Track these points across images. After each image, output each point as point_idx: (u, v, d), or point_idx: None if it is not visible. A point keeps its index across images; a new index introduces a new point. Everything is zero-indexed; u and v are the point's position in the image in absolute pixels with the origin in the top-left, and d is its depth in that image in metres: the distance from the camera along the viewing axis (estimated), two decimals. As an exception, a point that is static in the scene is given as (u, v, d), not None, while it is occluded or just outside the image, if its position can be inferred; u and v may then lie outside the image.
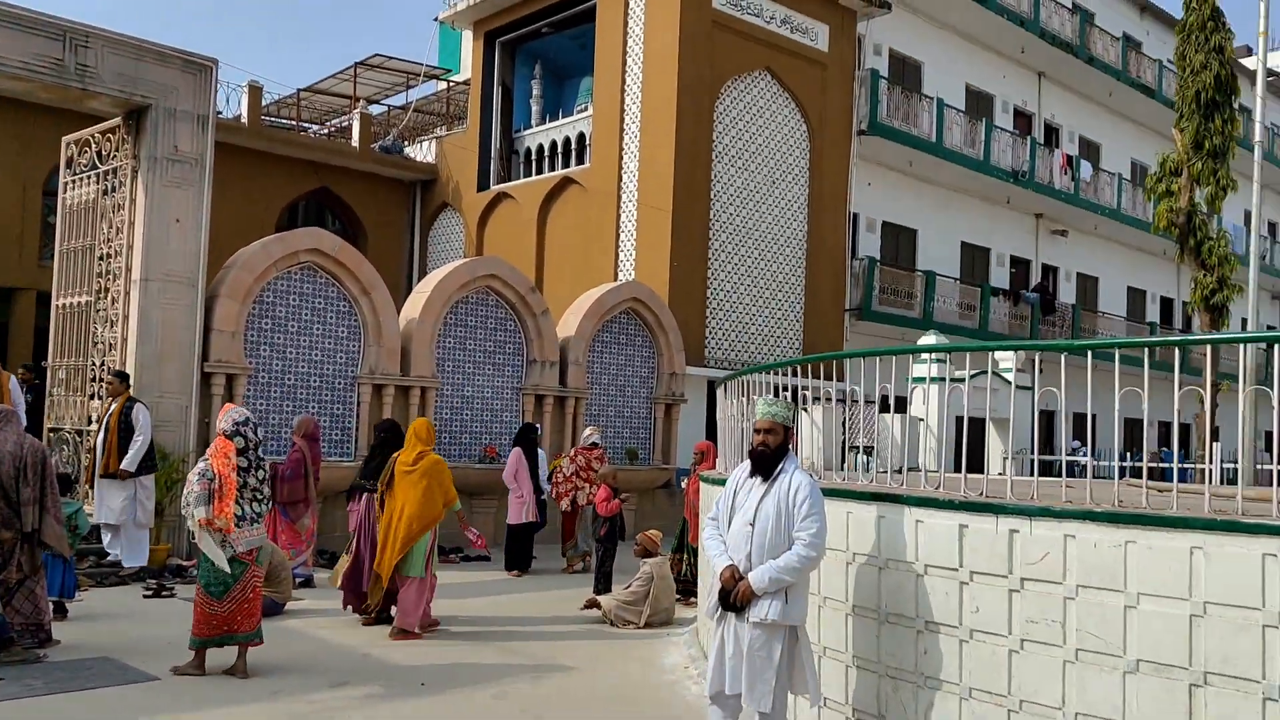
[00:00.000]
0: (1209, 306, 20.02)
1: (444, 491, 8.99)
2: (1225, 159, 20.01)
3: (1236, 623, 4.78)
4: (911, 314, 22.88)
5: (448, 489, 9.06)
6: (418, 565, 8.84)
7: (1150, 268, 32.06)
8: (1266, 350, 30.25)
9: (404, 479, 8.87)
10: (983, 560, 5.68)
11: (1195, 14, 20.08)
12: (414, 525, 8.76)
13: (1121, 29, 31.48)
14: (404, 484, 8.85)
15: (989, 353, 6.91)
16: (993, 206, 26.82)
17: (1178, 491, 5.39)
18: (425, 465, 8.91)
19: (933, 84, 24.96)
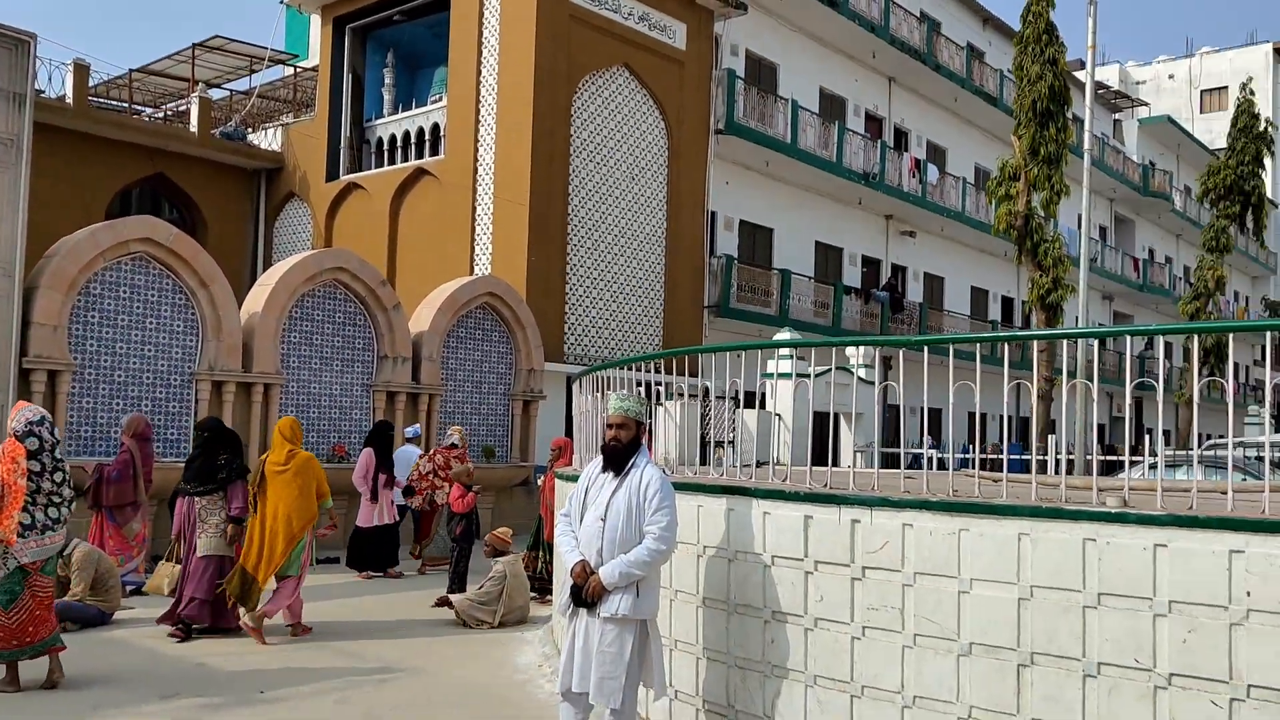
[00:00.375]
0: (1045, 305, 21.13)
1: (319, 488, 9.00)
2: (1059, 165, 21.15)
3: (1060, 604, 4.99)
4: (768, 311, 23.32)
5: (322, 485, 9.04)
6: (296, 564, 8.89)
7: (992, 268, 33.58)
8: (1100, 346, 32.18)
9: (276, 479, 8.76)
10: (827, 550, 5.79)
11: (1032, 27, 21.16)
12: (294, 525, 8.71)
13: (966, 39, 32.87)
14: (276, 484, 8.75)
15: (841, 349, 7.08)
16: (845, 207, 27.61)
17: (1007, 481, 5.60)
18: (297, 464, 8.82)
19: (788, 86, 25.51)
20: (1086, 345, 18.07)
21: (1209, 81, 55.53)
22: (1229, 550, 4.55)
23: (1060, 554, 5.00)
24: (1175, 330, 5.53)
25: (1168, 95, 55.44)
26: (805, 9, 25.21)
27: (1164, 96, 55.10)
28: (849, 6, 26.11)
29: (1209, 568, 4.59)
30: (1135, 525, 4.81)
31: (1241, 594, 4.51)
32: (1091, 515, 4.95)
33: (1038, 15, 20.91)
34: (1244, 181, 28.63)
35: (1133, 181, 41.03)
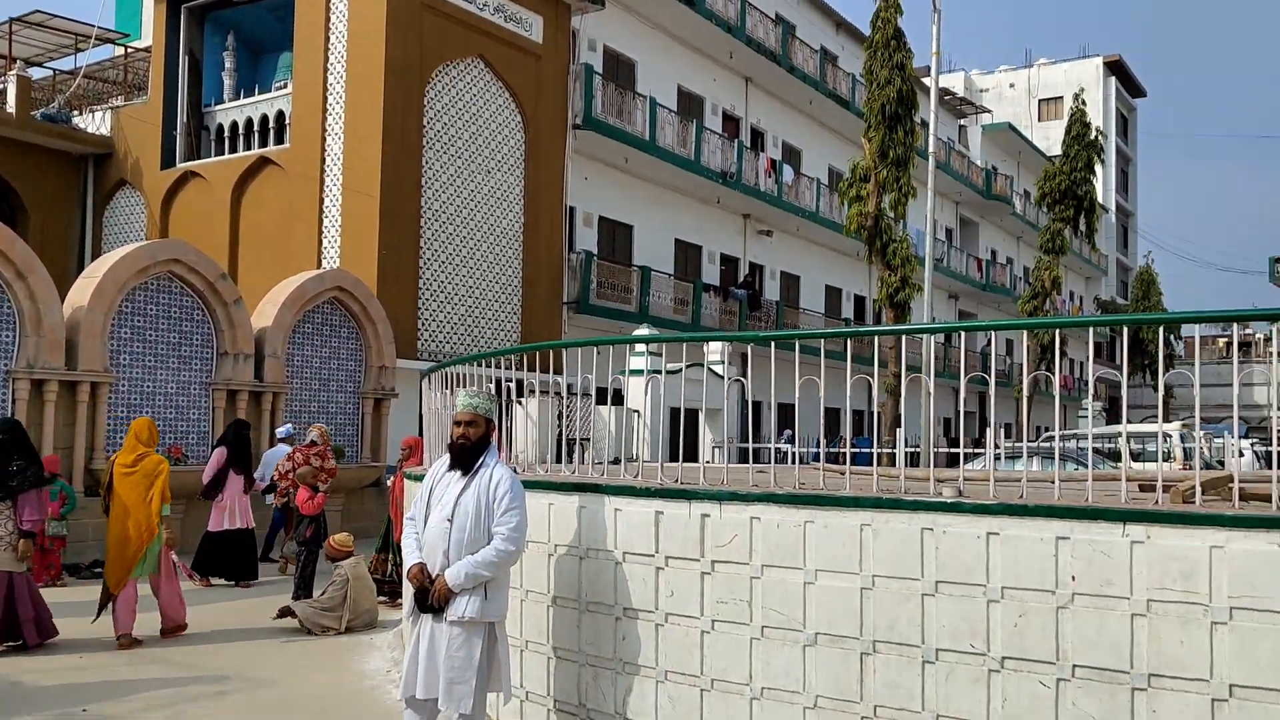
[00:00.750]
0: (894, 304, 21.86)
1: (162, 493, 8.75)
2: (907, 168, 21.91)
3: (900, 593, 5.10)
4: (628, 308, 23.38)
5: (166, 491, 8.78)
6: (151, 564, 8.75)
7: (846, 267, 34.57)
8: (945, 342, 33.57)
9: (124, 481, 8.58)
10: (677, 545, 5.79)
11: (880, 33, 21.83)
12: (143, 529, 8.54)
13: (820, 42, 33.72)
14: (124, 486, 8.57)
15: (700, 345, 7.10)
16: (704, 205, 27.93)
17: (850, 473, 5.70)
18: (146, 466, 8.63)
19: (646, 83, 25.62)
20: (929, 342, 18.89)
21: (1046, 91, 58.61)
22: (1055, 537, 4.73)
23: (900, 544, 5.11)
24: (1010, 326, 5.73)
25: (1009, 103, 58.26)
26: (663, 7, 25.37)
27: (1005, 104, 57.87)
28: (705, 6, 26.40)
29: (1037, 554, 4.76)
30: (970, 514, 4.95)
31: (1067, 578, 4.69)
32: (929, 505, 5.07)
33: (886, 21, 21.59)
34: (1077, 187, 30.30)
35: (976, 185, 42.91)
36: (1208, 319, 5.34)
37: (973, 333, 5.65)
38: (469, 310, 18.29)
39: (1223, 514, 4.40)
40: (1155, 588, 4.48)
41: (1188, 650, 4.40)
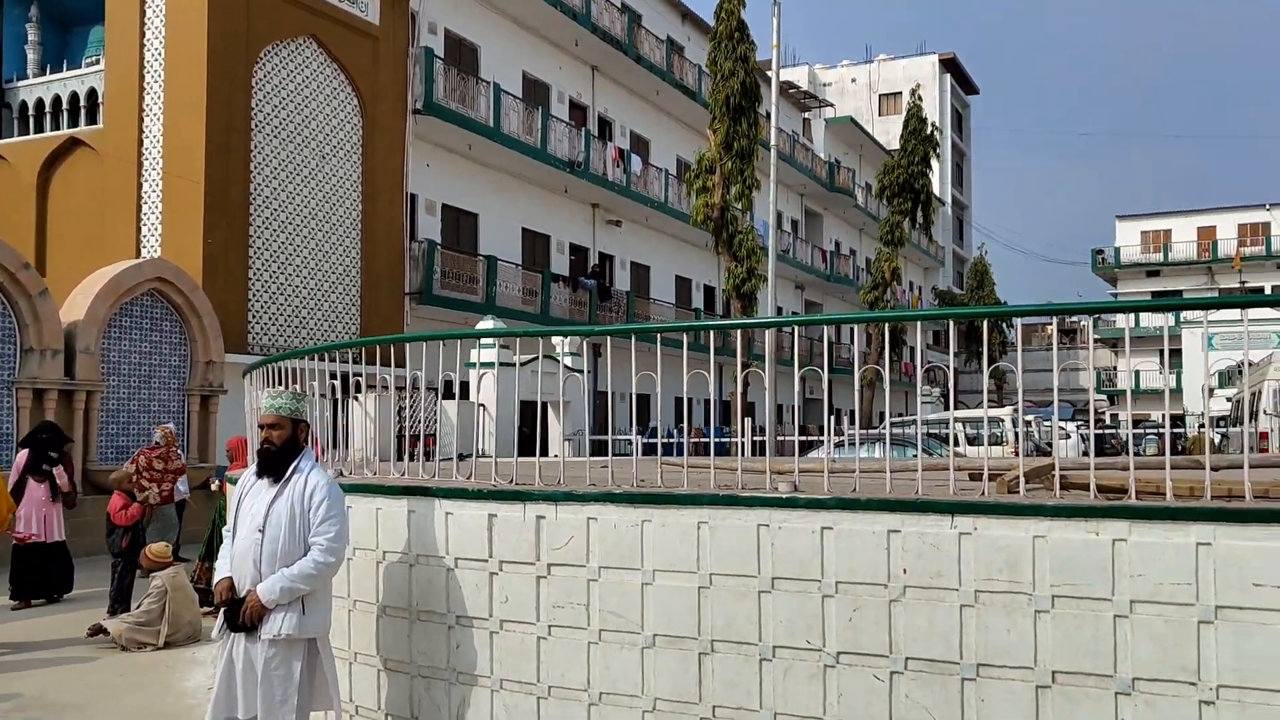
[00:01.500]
0: (741, 294, 22.11)
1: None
2: (751, 160, 22.17)
3: (738, 591, 5.03)
4: (474, 298, 22.91)
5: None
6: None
7: (695, 258, 34.88)
8: (793, 334, 34.34)
9: None
10: (511, 549, 5.59)
11: (724, 24, 22.00)
12: None
13: (666, 32, 33.84)
14: None
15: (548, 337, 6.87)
16: (552, 194, 27.64)
17: (688, 468, 5.60)
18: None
19: (490, 68, 25.12)
20: (773, 332, 19.21)
21: (886, 87, 60.67)
22: (887, 530, 4.73)
23: (737, 540, 5.05)
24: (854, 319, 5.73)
25: (851, 97, 60.03)
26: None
27: (848, 98, 59.61)
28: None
29: (870, 548, 4.76)
30: (805, 509, 4.92)
31: (898, 571, 4.70)
32: (765, 501, 5.02)
33: (729, 13, 21.76)
34: (914, 180, 31.38)
35: (820, 178, 44.01)
36: (1029, 312, 5.45)
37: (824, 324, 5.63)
38: (304, 301, 17.51)
39: (1044, 504, 4.47)
40: (982, 578, 4.53)
41: (1013, 639, 4.46)
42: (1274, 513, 4.08)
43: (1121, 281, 62.17)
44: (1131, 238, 62.84)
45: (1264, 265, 57.52)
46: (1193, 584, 4.16)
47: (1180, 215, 62.56)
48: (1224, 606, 4.10)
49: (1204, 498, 4.39)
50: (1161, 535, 4.22)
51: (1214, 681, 4.11)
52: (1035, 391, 32.02)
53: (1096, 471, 4.83)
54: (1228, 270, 56.22)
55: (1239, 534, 4.10)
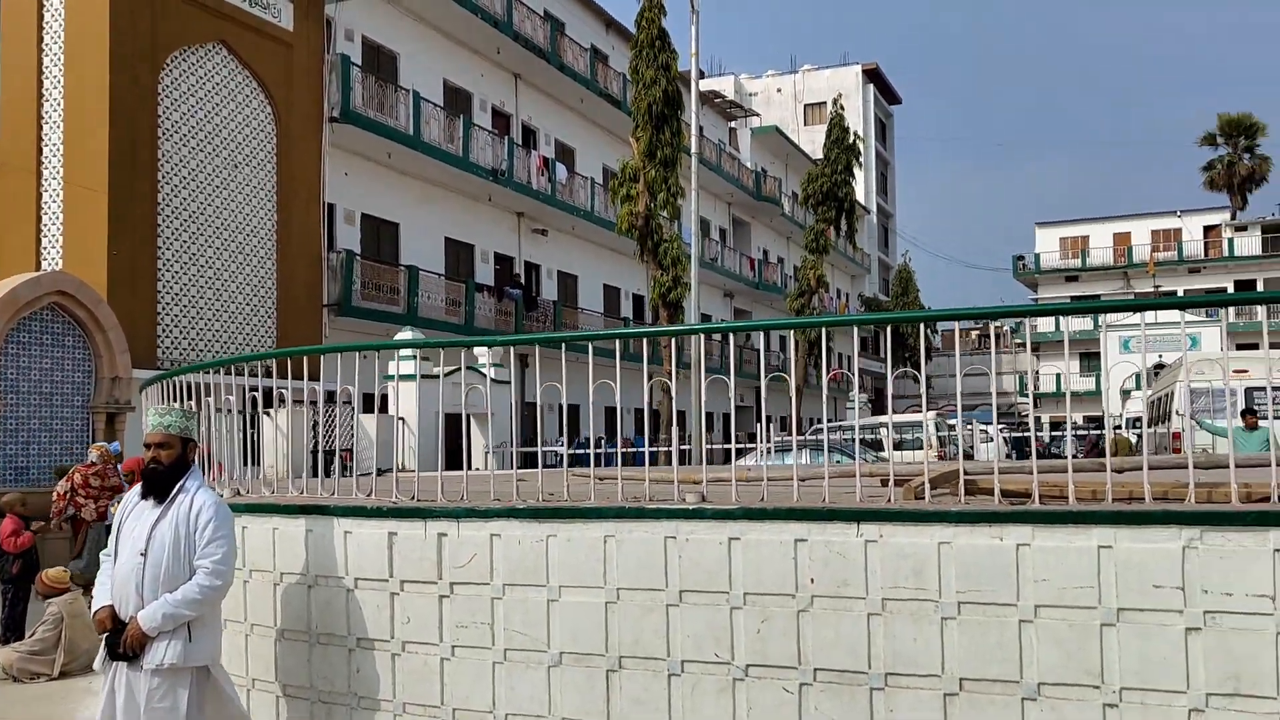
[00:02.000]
0: (667, 303, 22.08)
1: None
2: (675, 168, 22.17)
3: (645, 605, 4.91)
4: (395, 310, 22.52)
5: None
6: None
7: (624, 266, 34.76)
8: (722, 341, 34.41)
9: None
10: (413, 568, 5.42)
11: (645, 33, 22.00)
12: None
13: (590, 41, 33.77)
14: None
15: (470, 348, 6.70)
16: (475, 203, 27.33)
17: (595, 480, 5.46)
18: None
19: (410, 76, 24.75)
20: (700, 339, 19.18)
21: (810, 97, 61.37)
22: (794, 539, 4.65)
23: (644, 553, 4.93)
24: (778, 325, 5.66)
25: (776, 107, 60.61)
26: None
27: (773, 108, 60.17)
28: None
29: (778, 557, 4.67)
30: (712, 520, 4.82)
31: (806, 581, 4.62)
32: (672, 513, 4.91)
33: (650, 22, 21.77)
34: (838, 189, 31.71)
35: (747, 186, 44.29)
36: (956, 316, 5.43)
37: (748, 331, 5.52)
38: (217, 314, 16.99)
39: (949, 510, 4.42)
40: (889, 586, 4.47)
41: (920, 648, 4.40)
42: (1171, 514, 4.08)
43: (1042, 287, 63.65)
44: (1051, 244, 64.40)
45: (1176, 270, 59.40)
46: (1095, 587, 4.14)
47: (1097, 222, 64.32)
48: (1125, 609, 4.09)
49: (1105, 501, 4.38)
50: (1064, 539, 4.20)
51: (1117, 684, 4.09)
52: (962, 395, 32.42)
53: (1002, 476, 4.81)
54: (1143, 275, 57.98)
55: (1138, 536, 4.09)
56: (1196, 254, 60.46)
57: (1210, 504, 4.16)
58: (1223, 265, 59.16)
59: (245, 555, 5.83)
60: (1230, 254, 59.30)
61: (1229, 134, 61.10)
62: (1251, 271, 58.34)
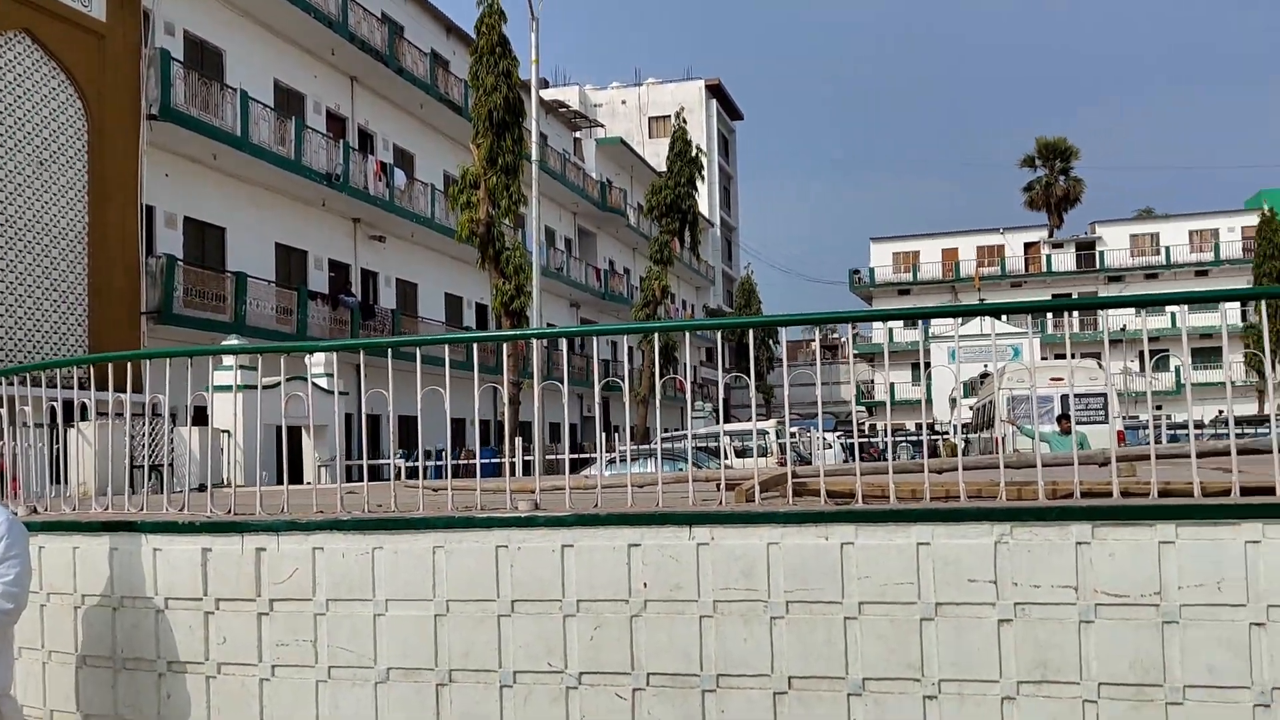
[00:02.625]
0: (510, 312, 21.83)
1: None
2: (516, 176, 21.98)
3: (476, 616, 4.80)
4: (222, 317, 21.49)
5: None
6: None
7: (465, 275, 34.19)
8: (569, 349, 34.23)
9: None
10: (230, 585, 5.14)
11: (486, 39, 21.76)
12: None
13: (430, 45, 33.18)
14: None
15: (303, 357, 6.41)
16: (309, 208, 26.40)
17: (423, 491, 5.31)
18: None
19: (237, 75, 23.70)
20: (552, 348, 19.04)
21: (655, 109, 62.12)
22: (628, 545, 4.63)
23: (475, 564, 4.82)
24: (623, 330, 5.62)
25: (621, 119, 61.07)
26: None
27: (618, 120, 60.60)
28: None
29: (611, 563, 4.64)
30: (545, 528, 4.75)
31: (640, 586, 4.60)
32: (503, 521, 4.82)
33: (490, 28, 21.56)
34: (681, 201, 32.13)
35: (593, 197, 44.40)
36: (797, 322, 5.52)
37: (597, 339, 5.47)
38: (21, 321, 15.79)
39: (776, 511, 4.49)
40: (720, 588, 4.50)
41: (751, 648, 4.44)
42: (984, 511, 4.25)
43: (876, 299, 66.32)
44: (884, 258, 67.24)
45: (1000, 284, 63.06)
46: (914, 583, 4.27)
47: (927, 238, 67.60)
48: (943, 603, 4.23)
49: (924, 500, 4.53)
50: (885, 537, 4.32)
51: (936, 676, 4.22)
52: (800, 404, 33.57)
53: (829, 478, 4.92)
54: (969, 289, 61.33)
55: (954, 533, 4.24)
56: (1018, 269, 64.35)
57: (1019, 501, 4.35)
58: (1041, 280, 63.15)
59: (42, 576, 5.42)
60: (1048, 269, 63.41)
61: (1046, 157, 65.40)
62: (1067, 285, 62.56)
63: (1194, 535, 3.95)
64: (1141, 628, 3.97)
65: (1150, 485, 4.25)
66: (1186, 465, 4.38)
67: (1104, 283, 62.01)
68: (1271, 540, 3.85)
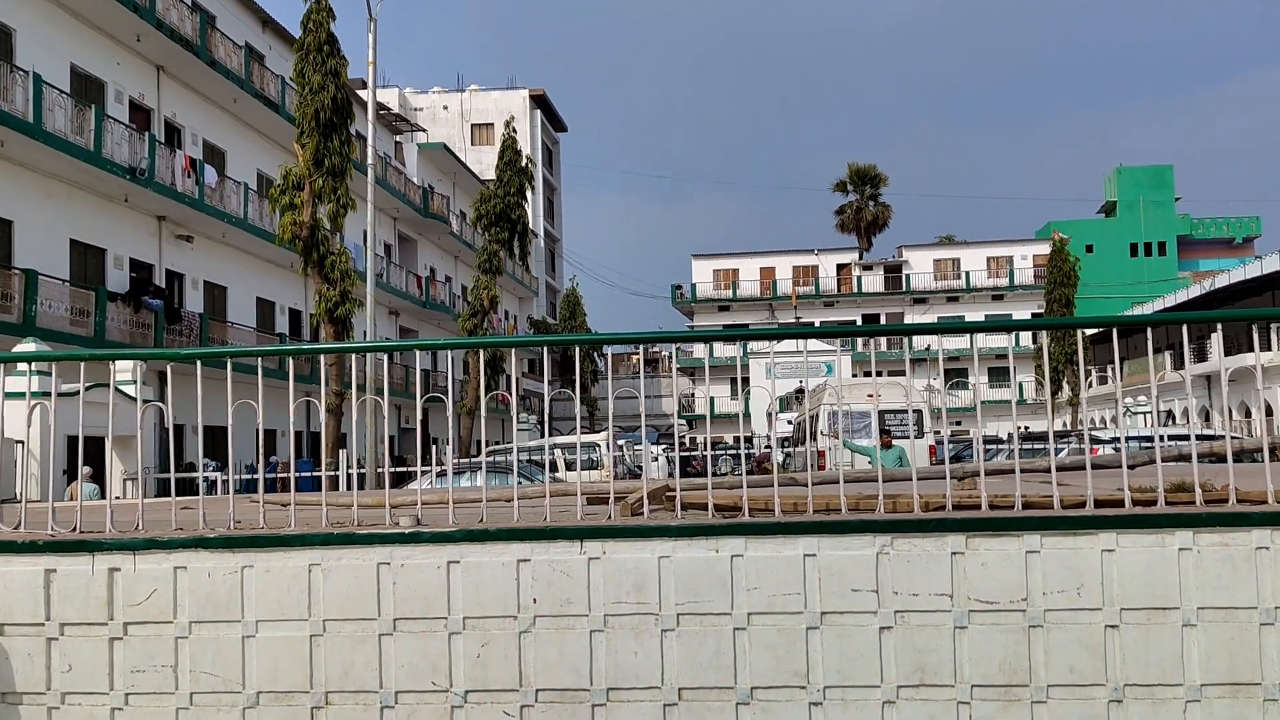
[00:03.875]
0: (333, 319, 21.06)
1: None
2: (344, 179, 21.27)
3: (355, 636, 4.65)
4: (9, 318, 19.79)
5: None
6: None
7: (280, 279, 32.76)
8: (389, 359, 33.36)
9: None
10: (77, 609, 4.78)
11: (313, 36, 21.00)
12: None
13: (245, 38, 31.68)
14: None
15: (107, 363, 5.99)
16: (109, 204, 24.68)
17: (297, 506, 5.09)
18: None
19: (29, 56, 21.92)
20: (377, 359, 18.41)
21: (478, 117, 61.51)
22: (517, 560, 4.59)
23: (354, 582, 4.67)
24: (459, 344, 5.54)
25: (443, 125, 60.11)
26: (51, -30, 21.94)
27: (440, 125, 59.62)
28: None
29: (500, 579, 4.59)
30: (429, 544, 4.66)
31: (529, 601, 4.57)
32: (385, 538, 4.69)
33: (319, 25, 20.83)
34: (511, 210, 31.92)
35: (414, 202, 43.44)
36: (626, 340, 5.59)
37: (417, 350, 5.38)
38: None
39: (669, 525, 4.56)
40: (611, 602, 4.53)
41: (641, 661, 4.49)
42: (866, 523, 4.46)
43: (698, 315, 67.96)
44: (705, 275, 69.00)
45: (815, 303, 65.92)
46: (801, 593, 4.43)
47: (746, 256, 69.88)
48: (828, 612, 4.41)
49: (808, 513, 4.71)
50: (774, 549, 4.46)
51: (821, 683, 4.39)
52: (623, 417, 33.96)
53: (696, 492, 5.03)
54: (786, 306, 63.74)
55: (838, 544, 4.43)
56: (831, 289, 67.40)
57: (897, 514, 4.59)
58: (853, 300, 66.43)
59: None
60: (859, 290, 66.72)
61: (857, 182, 68.81)
62: (876, 306, 66.10)
63: (1056, 545, 4.28)
64: (1010, 632, 4.27)
65: (1014, 498, 4.58)
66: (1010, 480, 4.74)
67: (910, 304, 65.83)
68: (1124, 549, 4.22)
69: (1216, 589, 4.18)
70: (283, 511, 5.18)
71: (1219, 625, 4.16)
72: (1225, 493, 4.42)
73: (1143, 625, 4.19)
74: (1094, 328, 32.83)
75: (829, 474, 5.77)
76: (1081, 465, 5.10)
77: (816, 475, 5.18)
